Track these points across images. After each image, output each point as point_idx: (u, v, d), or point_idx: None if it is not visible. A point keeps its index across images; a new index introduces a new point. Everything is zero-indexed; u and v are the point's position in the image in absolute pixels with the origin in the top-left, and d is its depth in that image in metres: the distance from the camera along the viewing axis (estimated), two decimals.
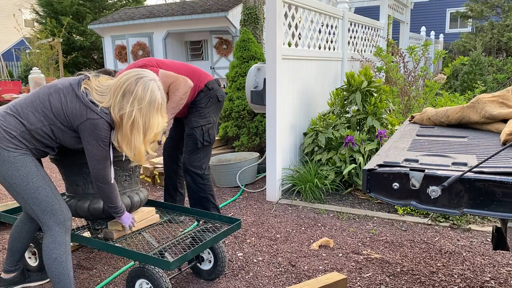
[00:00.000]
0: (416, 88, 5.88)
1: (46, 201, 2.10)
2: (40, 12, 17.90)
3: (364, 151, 4.07)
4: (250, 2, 6.32)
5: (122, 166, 2.45)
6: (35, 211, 2.10)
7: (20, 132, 2.04)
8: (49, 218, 2.11)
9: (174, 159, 3.31)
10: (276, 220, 3.59)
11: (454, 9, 17.83)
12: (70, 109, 2.03)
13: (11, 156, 2.03)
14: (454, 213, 1.30)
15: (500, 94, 2.08)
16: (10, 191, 2.09)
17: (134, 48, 13.32)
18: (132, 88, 2.03)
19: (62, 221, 2.13)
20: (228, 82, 5.52)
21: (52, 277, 2.14)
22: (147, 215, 2.66)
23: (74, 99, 2.04)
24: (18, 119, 2.04)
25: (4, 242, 3.26)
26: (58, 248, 2.11)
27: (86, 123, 2.02)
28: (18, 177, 2.04)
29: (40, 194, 2.09)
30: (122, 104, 2.03)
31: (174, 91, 2.72)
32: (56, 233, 2.12)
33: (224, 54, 12.69)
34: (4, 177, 2.05)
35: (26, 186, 2.06)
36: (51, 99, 2.05)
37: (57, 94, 2.06)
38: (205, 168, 3.02)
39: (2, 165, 2.03)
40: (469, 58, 9.65)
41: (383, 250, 2.98)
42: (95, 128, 2.02)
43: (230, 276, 2.67)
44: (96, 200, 2.41)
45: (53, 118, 2.05)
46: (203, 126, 2.97)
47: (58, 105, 2.04)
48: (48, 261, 2.12)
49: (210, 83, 3.01)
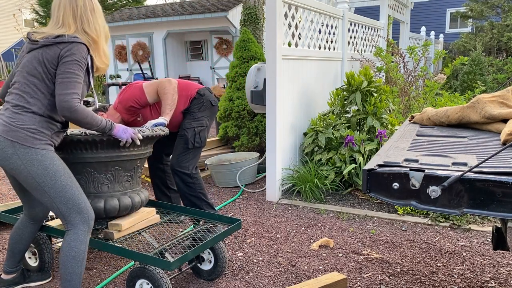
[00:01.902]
0: (416, 88, 5.88)
1: (73, 199, 2.11)
2: (40, 12, 17.90)
3: (364, 151, 4.07)
4: (250, 2, 6.32)
5: (124, 166, 2.45)
6: (61, 209, 2.10)
7: (38, 123, 2.05)
8: (75, 216, 2.12)
9: (159, 158, 3.39)
10: (276, 220, 3.59)
11: (454, 9, 17.82)
12: (47, 57, 2.03)
13: (39, 154, 2.04)
14: (454, 213, 1.30)
15: (500, 94, 2.08)
16: (37, 190, 2.07)
17: (134, 48, 13.32)
18: (75, 5, 2.12)
19: (87, 220, 2.15)
20: (228, 82, 5.52)
21: (65, 275, 2.12)
22: (148, 216, 2.66)
23: (44, 50, 2.04)
24: (28, 112, 2.04)
25: (4, 242, 3.26)
26: (79, 247, 2.12)
27: (65, 53, 2.02)
28: (47, 175, 2.04)
29: (68, 192, 2.09)
30: (82, 21, 2.12)
31: (163, 90, 2.91)
32: (80, 231, 2.12)
33: (224, 54, 12.70)
34: (33, 177, 2.03)
35: (54, 185, 2.06)
36: (30, 71, 2.05)
37: (30, 64, 2.06)
38: (192, 168, 3.09)
39: (31, 166, 2.02)
40: (469, 58, 9.65)
41: (383, 250, 2.98)
42: (73, 49, 2.03)
43: (230, 276, 2.67)
44: (97, 200, 2.41)
45: (47, 83, 2.06)
46: (195, 128, 3.07)
47: (38, 67, 2.04)
48: (66, 257, 2.11)
49: (201, 90, 3.16)
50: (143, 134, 2.41)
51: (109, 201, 2.42)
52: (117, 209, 2.44)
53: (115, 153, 2.38)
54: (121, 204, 2.45)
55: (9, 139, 2.00)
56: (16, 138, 2.00)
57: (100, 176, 2.42)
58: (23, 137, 2.01)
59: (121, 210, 2.46)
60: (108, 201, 2.42)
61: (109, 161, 2.39)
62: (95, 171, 2.40)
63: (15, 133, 2.01)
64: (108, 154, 2.37)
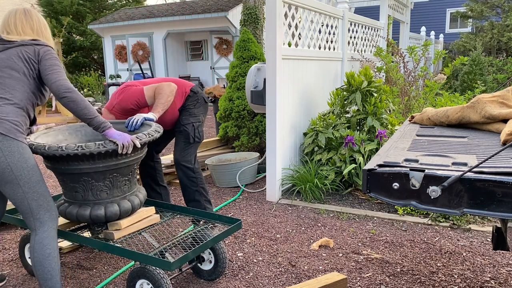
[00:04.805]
0: (416, 88, 5.88)
1: (44, 195, 2.11)
2: (40, 12, 17.89)
3: (364, 151, 4.07)
4: (250, 2, 6.32)
5: (122, 172, 2.42)
6: (32, 205, 2.08)
7: (19, 116, 2.08)
8: (44, 213, 2.11)
9: (150, 156, 3.42)
10: (276, 220, 3.59)
11: (454, 9, 17.82)
12: (27, 54, 2.14)
13: (20, 146, 2.05)
14: (454, 213, 1.30)
15: (500, 94, 2.08)
16: (11, 184, 2.03)
17: (134, 48, 13.33)
18: (28, 18, 2.26)
19: (54, 217, 2.16)
20: (228, 82, 5.52)
21: (44, 274, 2.10)
22: (147, 215, 2.66)
23: (22, 49, 2.14)
24: (10, 104, 2.06)
25: (4, 242, 3.26)
26: (52, 244, 2.12)
27: (45, 52, 2.16)
28: (25, 168, 2.04)
29: (40, 188, 2.10)
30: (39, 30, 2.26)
31: (159, 91, 2.94)
32: (50, 229, 2.13)
33: (224, 54, 12.70)
34: (12, 169, 2.01)
35: (30, 179, 2.06)
36: (10, 65, 2.11)
37: (8, 60, 2.12)
38: (195, 162, 3.22)
39: (12, 157, 2.01)
40: (469, 58, 9.65)
41: (383, 250, 2.98)
42: (50, 50, 2.19)
43: (230, 276, 2.67)
44: (96, 207, 2.39)
45: (28, 78, 2.13)
46: (193, 123, 3.18)
47: (19, 62, 2.12)
48: (41, 257, 2.09)
49: (193, 88, 3.26)
50: (141, 141, 2.34)
51: (109, 207, 2.40)
52: (117, 215, 2.43)
53: (112, 162, 2.32)
54: (122, 209, 2.43)
55: None
56: (1, 129, 2.00)
57: (99, 184, 2.36)
58: (7, 128, 2.01)
59: (122, 215, 2.45)
60: (108, 208, 2.40)
61: (107, 170, 2.33)
62: (93, 180, 2.34)
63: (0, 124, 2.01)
64: (106, 163, 2.30)
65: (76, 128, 2.69)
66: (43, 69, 2.12)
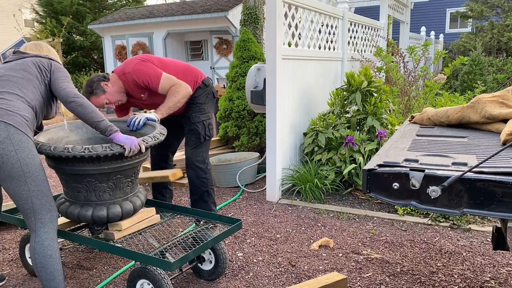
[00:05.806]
0: (416, 88, 5.88)
1: (48, 195, 2.10)
2: (40, 12, 17.88)
3: (364, 151, 4.07)
4: (250, 2, 6.32)
5: (126, 174, 2.42)
6: (35, 204, 2.05)
7: (30, 113, 2.10)
8: (45, 213, 2.10)
9: (164, 157, 3.38)
10: (276, 220, 3.59)
11: (454, 9, 17.82)
12: (42, 63, 2.25)
13: (30, 143, 2.05)
14: (454, 213, 1.30)
15: (500, 94, 2.09)
16: (18, 181, 2.00)
17: (134, 48, 13.32)
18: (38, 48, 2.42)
19: (55, 218, 2.15)
20: (228, 82, 5.52)
21: (46, 275, 2.08)
22: (148, 215, 2.66)
23: (37, 58, 2.27)
24: (21, 100, 2.08)
25: (4, 242, 3.26)
26: (53, 245, 2.11)
27: (57, 66, 2.29)
28: (34, 165, 2.04)
29: (45, 187, 2.09)
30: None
31: (174, 93, 2.85)
32: (50, 229, 2.12)
33: (224, 54, 12.69)
34: (21, 164, 1.99)
35: (37, 177, 2.05)
36: (25, 68, 2.19)
37: (23, 63, 2.21)
38: (207, 163, 3.18)
39: (22, 152, 1.99)
40: (469, 58, 9.65)
41: (383, 250, 2.98)
42: (61, 66, 2.32)
43: (230, 276, 2.67)
44: (99, 208, 2.38)
45: (39, 82, 2.20)
46: (204, 121, 3.12)
47: (33, 67, 2.22)
48: (42, 259, 2.07)
49: (205, 80, 3.18)
50: (147, 144, 2.35)
51: (112, 208, 2.39)
52: (119, 216, 2.42)
53: (117, 164, 2.31)
54: (124, 210, 2.43)
55: (4, 122, 1.97)
56: (12, 121, 1.99)
57: (102, 185, 2.35)
58: (19, 122, 2.01)
59: (123, 216, 2.45)
60: (110, 209, 2.39)
61: (111, 172, 2.32)
62: (97, 181, 2.33)
63: (11, 116, 2.00)
64: (111, 165, 2.30)
65: (77, 125, 2.69)
66: (54, 78, 2.23)
